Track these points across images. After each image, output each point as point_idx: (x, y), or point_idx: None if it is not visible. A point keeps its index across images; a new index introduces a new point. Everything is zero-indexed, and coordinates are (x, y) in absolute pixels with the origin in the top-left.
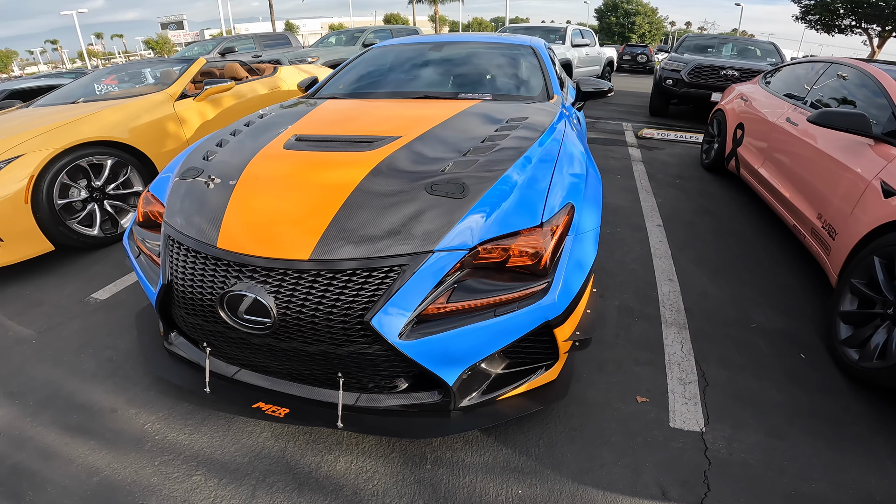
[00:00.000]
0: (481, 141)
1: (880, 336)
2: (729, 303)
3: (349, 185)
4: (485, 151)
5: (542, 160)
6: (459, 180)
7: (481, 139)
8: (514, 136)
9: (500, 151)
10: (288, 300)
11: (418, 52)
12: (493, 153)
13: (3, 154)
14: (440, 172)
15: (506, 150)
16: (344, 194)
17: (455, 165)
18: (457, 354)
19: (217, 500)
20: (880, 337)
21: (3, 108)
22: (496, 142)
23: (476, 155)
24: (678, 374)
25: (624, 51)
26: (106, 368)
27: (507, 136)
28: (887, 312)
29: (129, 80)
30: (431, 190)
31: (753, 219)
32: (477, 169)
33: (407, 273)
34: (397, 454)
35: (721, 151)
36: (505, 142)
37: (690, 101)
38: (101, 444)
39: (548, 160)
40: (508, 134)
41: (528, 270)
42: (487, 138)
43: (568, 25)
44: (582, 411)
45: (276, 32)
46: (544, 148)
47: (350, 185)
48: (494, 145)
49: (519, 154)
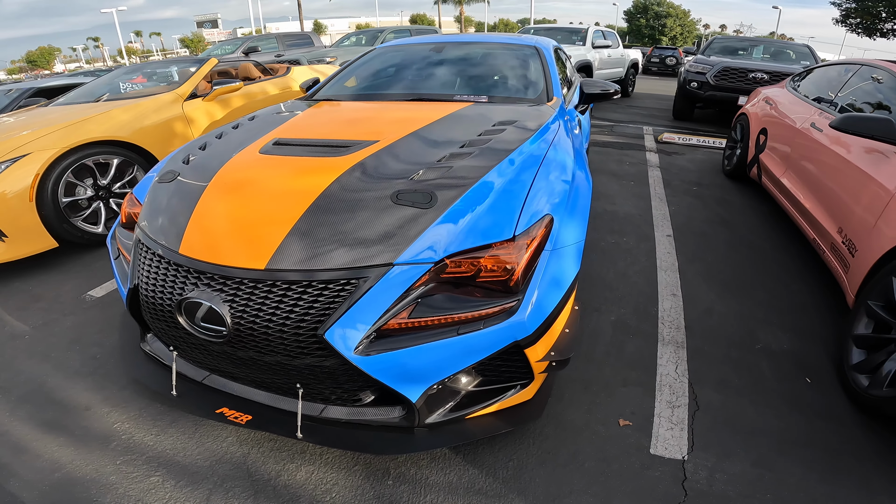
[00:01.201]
0: (460, 146)
1: (893, 364)
2: (735, 321)
3: (313, 193)
4: (461, 157)
5: (523, 167)
6: (428, 189)
7: (460, 144)
8: (495, 141)
9: (478, 157)
10: (243, 310)
11: (421, 52)
12: (469, 159)
13: (10, 153)
14: (409, 180)
15: (484, 155)
16: (306, 202)
17: (427, 172)
18: (417, 372)
19: (171, 502)
20: (893, 364)
21: (28, 105)
22: (475, 147)
23: (451, 161)
24: (668, 397)
25: (652, 53)
26: (89, 366)
27: (488, 140)
28: None
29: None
30: (397, 199)
31: (773, 231)
32: (449, 176)
33: (364, 287)
34: (360, 467)
35: (743, 158)
36: (485, 147)
37: (716, 104)
38: (70, 440)
39: (529, 167)
40: (491, 139)
41: (498, 286)
42: (468, 143)
43: (589, 27)
44: (558, 433)
45: (298, 32)
46: (527, 154)
47: (314, 192)
48: (473, 151)
49: (497, 160)
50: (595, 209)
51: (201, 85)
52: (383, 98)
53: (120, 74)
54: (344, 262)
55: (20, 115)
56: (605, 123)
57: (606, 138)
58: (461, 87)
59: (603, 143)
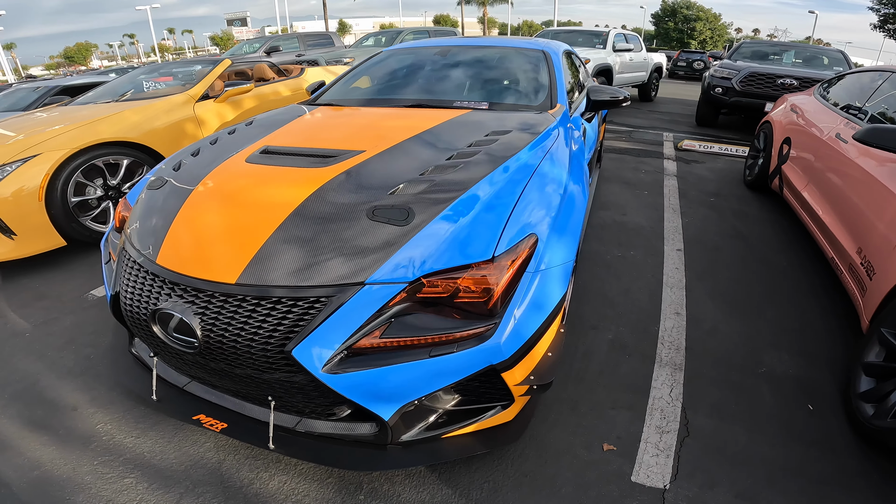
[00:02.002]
0: (447, 158)
1: None
2: (740, 343)
3: (289, 206)
4: (446, 170)
5: (510, 182)
6: (406, 205)
7: (447, 156)
8: (485, 153)
9: (463, 170)
10: (213, 323)
11: (426, 56)
12: (454, 172)
13: (21, 153)
14: (388, 194)
15: (470, 169)
16: (282, 216)
17: (408, 186)
18: (388, 391)
19: (139, 502)
20: None
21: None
22: (462, 159)
23: (435, 174)
24: (658, 422)
25: (679, 57)
26: (81, 366)
27: (477, 152)
28: None
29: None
30: (373, 215)
31: (791, 247)
32: (430, 191)
33: (334, 305)
34: (334, 480)
35: (765, 168)
36: (472, 159)
37: (741, 111)
38: (53, 439)
39: (517, 182)
40: (480, 150)
41: (476, 308)
42: (455, 154)
43: (611, 30)
44: (539, 455)
45: (320, 32)
46: (516, 167)
47: (290, 206)
48: (459, 163)
49: (483, 174)
50: (603, 220)
51: (214, 86)
52: (383, 103)
53: (137, 75)
54: (314, 280)
55: (39, 114)
56: (624, 129)
57: (623, 144)
58: (462, 92)
59: (619, 149)
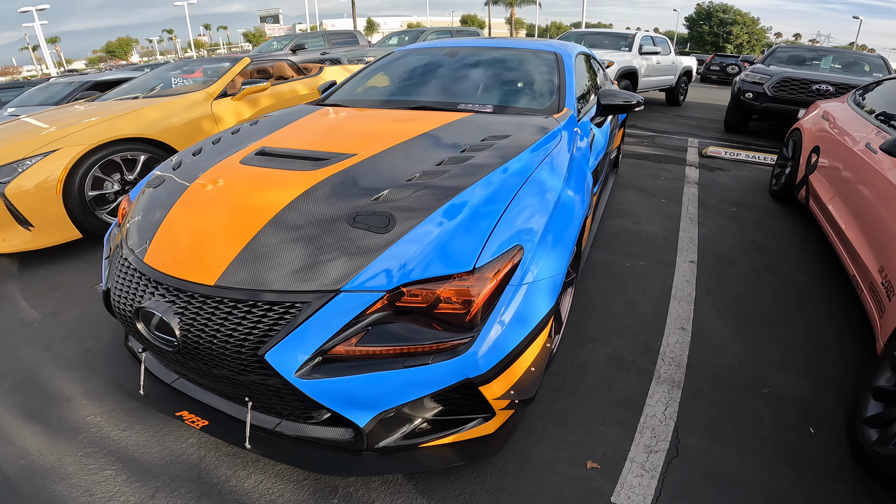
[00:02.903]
0: (437, 163)
1: None
2: (746, 361)
3: (272, 210)
4: (434, 176)
5: (500, 190)
6: (387, 212)
7: (438, 161)
8: (478, 158)
9: (452, 177)
10: (191, 323)
11: (436, 57)
12: (442, 178)
13: (41, 147)
14: (371, 200)
15: (459, 175)
16: (264, 220)
17: (393, 192)
18: (362, 399)
19: (116, 495)
20: None
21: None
22: (453, 164)
23: (423, 179)
24: (647, 440)
25: (712, 61)
26: (82, 358)
27: (470, 157)
28: None
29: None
30: (354, 221)
31: (813, 262)
32: (414, 198)
33: (308, 311)
34: (310, 482)
35: (792, 178)
36: (463, 165)
37: (773, 118)
38: (43, 429)
39: (507, 190)
40: (473, 156)
41: (455, 320)
42: (447, 160)
43: (637, 32)
44: (520, 469)
45: (345, 31)
46: (508, 174)
47: (273, 209)
48: (448, 169)
49: (472, 181)
50: (615, 228)
51: (233, 84)
52: (387, 105)
53: (163, 71)
54: (290, 286)
55: (67, 109)
56: (647, 134)
57: (644, 150)
58: (468, 94)
59: (639, 154)
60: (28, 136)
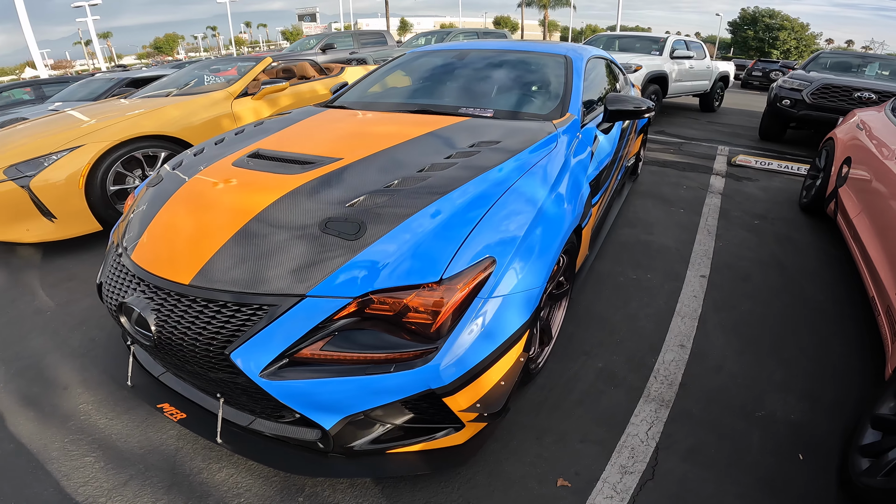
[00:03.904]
0: (418, 170)
1: None
2: (745, 382)
3: (251, 213)
4: (413, 182)
5: (477, 198)
6: (359, 219)
7: (420, 167)
8: (460, 166)
9: (429, 185)
10: (165, 320)
11: (444, 60)
12: (420, 185)
13: (67, 143)
14: (346, 206)
15: (438, 182)
16: (242, 222)
17: (368, 198)
18: (325, 402)
19: (92, 481)
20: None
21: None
22: (434, 171)
23: (401, 186)
24: (624, 461)
25: (754, 66)
26: (85, 347)
27: (453, 164)
28: None
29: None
30: (325, 227)
31: (835, 282)
32: (388, 205)
33: (274, 314)
34: (279, 479)
35: (822, 190)
36: (444, 172)
37: (811, 126)
38: (37, 416)
39: (484, 198)
40: (456, 163)
41: (421, 330)
42: (430, 166)
43: (669, 36)
44: (489, 482)
45: (374, 31)
46: (488, 184)
47: (252, 212)
48: (428, 176)
49: (448, 190)
50: (625, 238)
51: (253, 83)
52: (389, 108)
53: (193, 69)
54: (258, 288)
55: (100, 105)
56: (674, 140)
57: (669, 157)
58: (471, 98)
59: (663, 162)
60: (56, 132)
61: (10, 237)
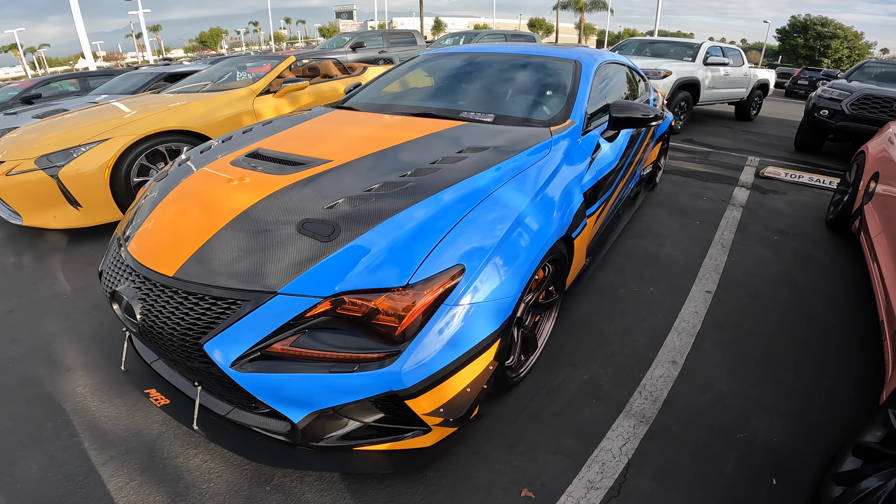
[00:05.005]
0: (400, 175)
1: (873, 482)
2: (732, 402)
3: (237, 210)
4: (393, 186)
5: (454, 204)
6: (335, 220)
7: (402, 172)
8: (443, 171)
9: (409, 188)
10: (149, 309)
11: (454, 63)
12: (398, 190)
13: (95, 136)
14: (325, 208)
15: (417, 187)
16: (227, 219)
17: (347, 202)
18: (292, 397)
19: (74, 460)
20: (872, 483)
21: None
22: (416, 177)
23: (381, 190)
24: (592, 476)
25: (800, 74)
26: (93, 331)
27: (436, 170)
28: None
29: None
30: (302, 228)
31: (850, 304)
32: (365, 208)
33: (247, 309)
34: (250, 468)
35: (849, 206)
36: (425, 177)
37: (849, 138)
38: (36, 397)
39: (460, 206)
40: (440, 168)
41: (387, 333)
42: (412, 171)
43: (703, 42)
44: (454, 487)
45: (403, 30)
46: (466, 190)
47: (238, 209)
48: (409, 181)
49: (425, 196)
50: (633, 249)
51: (276, 81)
52: (393, 110)
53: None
54: (233, 283)
55: (134, 99)
56: (702, 150)
57: (693, 166)
58: (474, 102)
59: (686, 171)
60: (86, 125)
61: (38, 223)
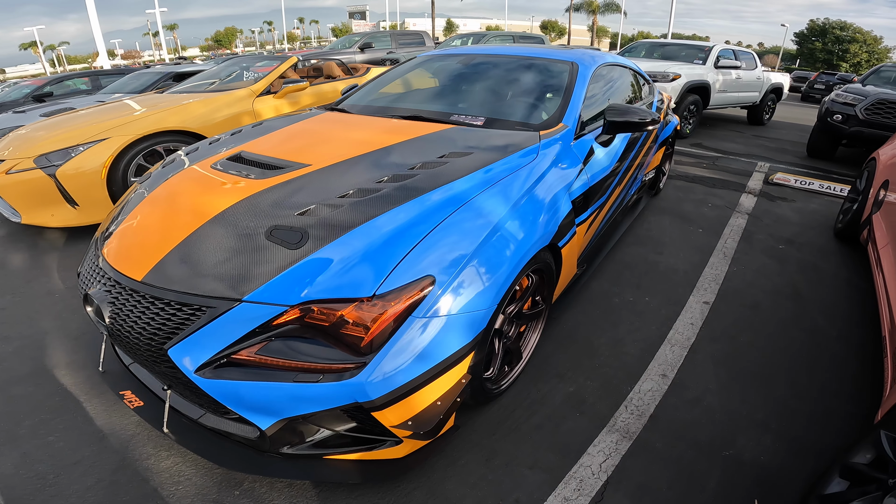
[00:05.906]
0: (376, 181)
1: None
2: (720, 419)
3: (208, 215)
4: (367, 193)
5: (425, 214)
6: (304, 228)
7: (378, 179)
8: (420, 177)
9: (382, 195)
10: (118, 312)
11: (450, 65)
12: (372, 196)
13: (93, 136)
14: (296, 215)
15: (392, 194)
16: (197, 224)
17: (318, 208)
18: (257, 404)
19: (47, 458)
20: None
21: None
22: (392, 182)
23: (354, 197)
24: (568, 493)
25: (817, 78)
26: (81, 330)
27: (412, 176)
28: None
29: None
30: (270, 235)
31: (854, 318)
32: (335, 216)
33: (211, 315)
34: (220, 473)
35: (858, 215)
36: (401, 183)
37: (863, 143)
38: (22, 393)
39: (433, 214)
40: (417, 174)
41: (353, 343)
42: (389, 178)
43: (715, 45)
44: (426, 500)
45: (412, 31)
46: (442, 198)
47: (208, 215)
48: (383, 187)
49: (398, 203)
50: (631, 257)
51: (277, 82)
52: (381, 112)
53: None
54: (199, 289)
55: (138, 98)
56: (710, 154)
57: (700, 172)
58: (465, 105)
59: (692, 177)
60: (86, 125)
61: (36, 221)
